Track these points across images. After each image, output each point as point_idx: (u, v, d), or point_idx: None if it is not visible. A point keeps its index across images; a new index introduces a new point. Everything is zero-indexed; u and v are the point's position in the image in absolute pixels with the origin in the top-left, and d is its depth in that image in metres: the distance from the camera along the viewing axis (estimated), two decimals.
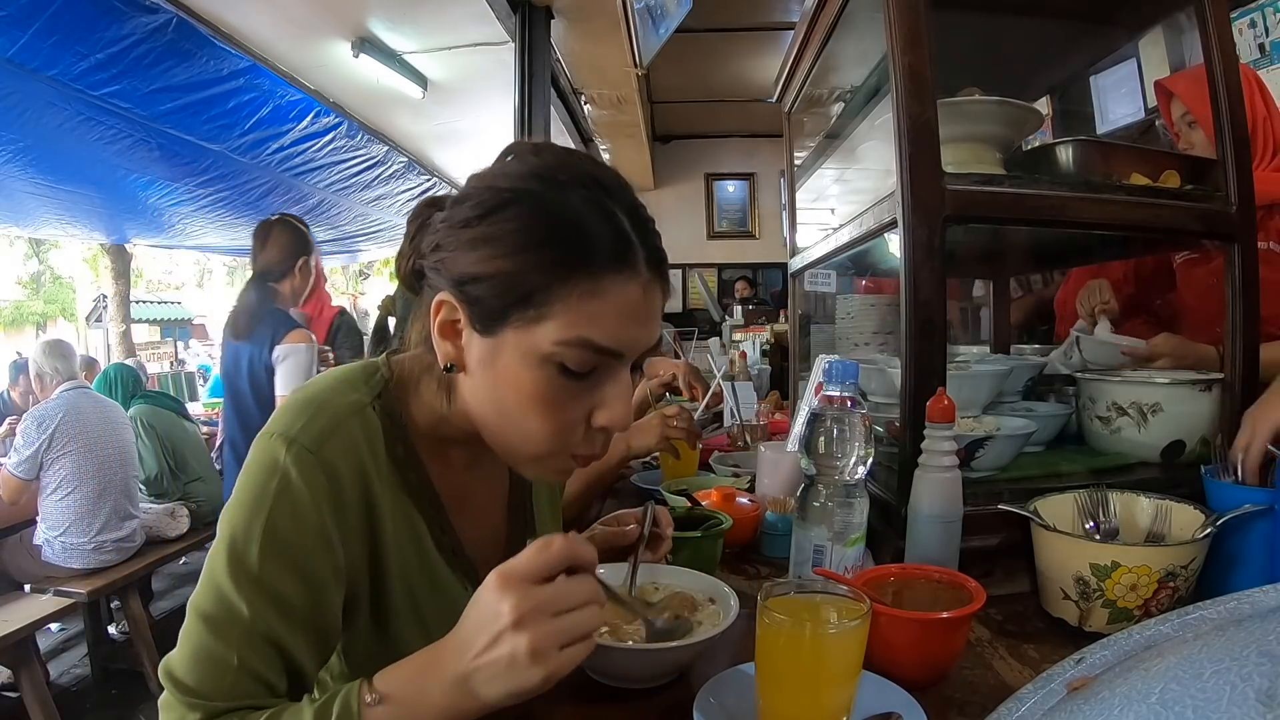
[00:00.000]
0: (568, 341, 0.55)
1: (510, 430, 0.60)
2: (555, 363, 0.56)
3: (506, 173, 0.59)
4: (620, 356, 0.58)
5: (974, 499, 0.82)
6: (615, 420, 0.59)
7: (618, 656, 0.63)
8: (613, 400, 0.59)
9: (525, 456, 0.61)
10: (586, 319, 0.55)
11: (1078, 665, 0.41)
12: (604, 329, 0.55)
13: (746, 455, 1.44)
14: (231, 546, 0.55)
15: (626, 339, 0.57)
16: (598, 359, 0.56)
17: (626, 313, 0.56)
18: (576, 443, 0.60)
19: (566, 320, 0.55)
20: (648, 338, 0.59)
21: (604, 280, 0.55)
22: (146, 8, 2.63)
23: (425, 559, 0.66)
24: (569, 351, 0.55)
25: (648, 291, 0.58)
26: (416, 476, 0.65)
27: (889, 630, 0.61)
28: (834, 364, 0.74)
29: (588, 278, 0.55)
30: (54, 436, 2.51)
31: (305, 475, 0.56)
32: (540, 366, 0.56)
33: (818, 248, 1.36)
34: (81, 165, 3.66)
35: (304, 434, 0.58)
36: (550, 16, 3.55)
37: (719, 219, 7.23)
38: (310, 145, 4.14)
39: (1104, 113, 1.74)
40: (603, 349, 0.56)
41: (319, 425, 0.59)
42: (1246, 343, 0.94)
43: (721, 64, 5.02)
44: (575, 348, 0.55)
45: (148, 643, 2.73)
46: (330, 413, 0.60)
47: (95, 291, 11.76)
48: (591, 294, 0.55)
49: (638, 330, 0.58)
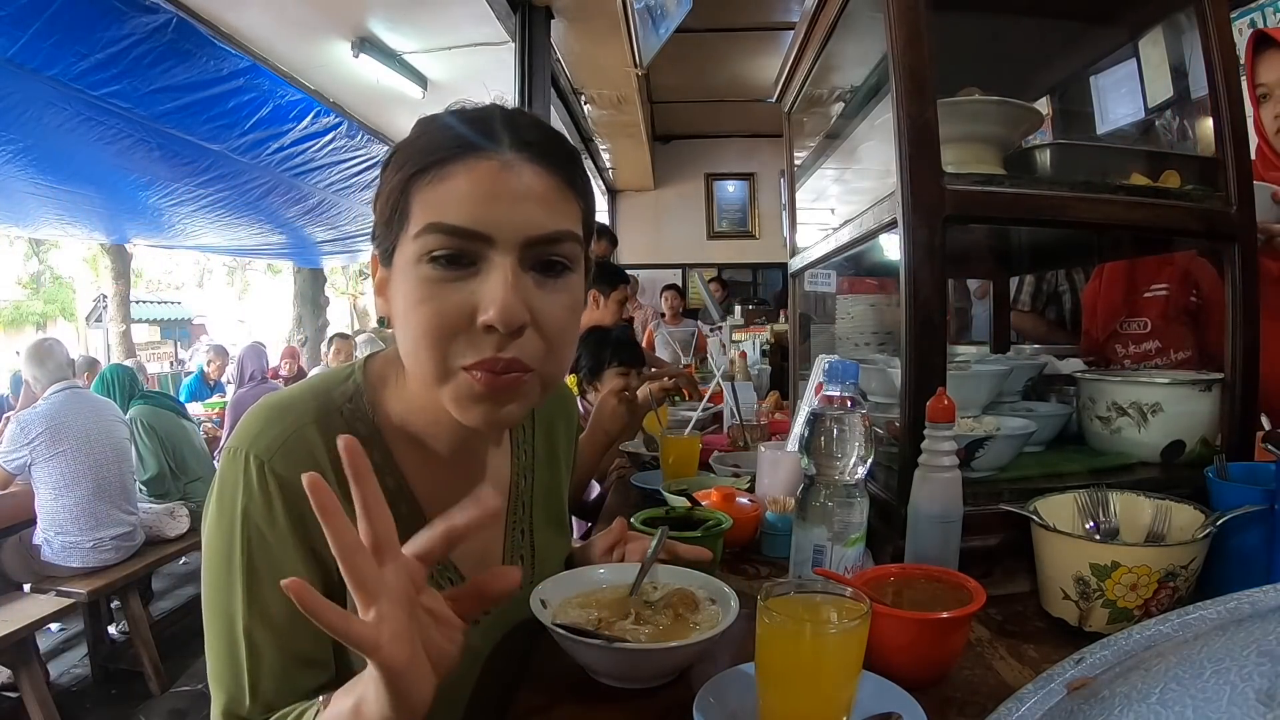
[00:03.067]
0: (423, 230, 0.55)
1: (408, 354, 0.58)
2: (425, 259, 0.55)
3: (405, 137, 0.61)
4: (488, 240, 0.55)
5: (974, 499, 0.82)
6: (497, 314, 0.54)
7: (618, 656, 0.63)
8: (490, 293, 0.54)
9: (430, 382, 0.57)
10: (437, 205, 0.55)
11: (1078, 665, 0.41)
12: (456, 209, 0.54)
13: (746, 455, 1.44)
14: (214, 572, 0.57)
15: (484, 217, 0.54)
16: (459, 243, 0.54)
17: (479, 191, 0.55)
18: (461, 351, 0.56)
19: (421, 213, 0.55)
20: (520, 217, 0.55)
21: (451, 166, 0.55)
22: (146, 8, 2.63)
23: None
24: (427, 239, 0.54)
25: (510, 169, 0.55)
26: (393, 481, 0.64)
27: (889, 630, 0.61)
28: (834, 364, 0.74)
29: (436, 168, 0.55)
30: (37, 442, 2.51)
31: (263, 488, 0.57)
32: (415, 268, 0.55)
33: (818, 248, 1.36)
34: (81, 165, 3.67)
35: (258, 444, 0.58)
36: (550, 16, 3.55)
37: (719, 219, 7.23)
38: (310, 145, 4.14)
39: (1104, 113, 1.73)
40: (457, 229, 0.54)
41: (273, 434, 0.58)
42: (1246, 343, 0.94)
43: (721, 64, 5.02)
44: (430, 234, 0.54)
45: (148, 643, 2.73)
46: (288, 420, 0.60)
47: (95, 291, 11.76)
48: (440, 180, 0.55)
49: (500, 207, 0.55)
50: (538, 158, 0.57)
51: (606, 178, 6.83)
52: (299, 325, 8.13)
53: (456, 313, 0.55)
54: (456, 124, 0.57)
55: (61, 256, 14.54)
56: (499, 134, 0.56)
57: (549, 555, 0.79)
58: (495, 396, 0.57)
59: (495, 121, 0.57)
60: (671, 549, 0.80)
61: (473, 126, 0.57)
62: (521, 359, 0.56)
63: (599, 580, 0.76)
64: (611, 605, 0.71)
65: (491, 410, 0.58)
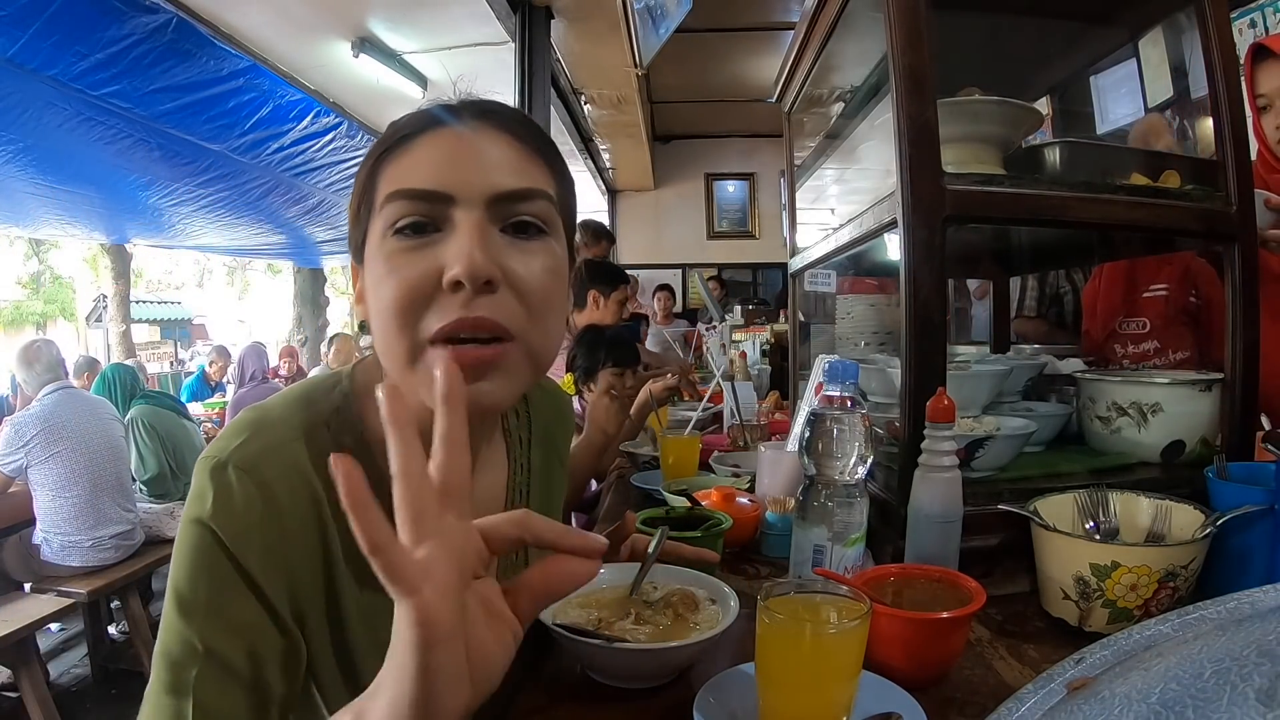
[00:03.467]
0: (384, 199, 0.53)
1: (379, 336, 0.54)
2: (390, 234, 0.52)
3: None
4: (450, 199, 0.52)
5: (974, 499, 0.82)
6: (462, 266, 0.49)
7: (618, 656, 0.63)
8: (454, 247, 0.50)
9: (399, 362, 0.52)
10: (399, 174, 0.53)
11: (1078, 665, 0.41)
12: (416, 174, 0.52)
13: (746, 455, 1.44)
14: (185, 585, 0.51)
15: (446, 176, 0.52)
16: (421, 206, 0.52)
17: (440, 154, 0.53)
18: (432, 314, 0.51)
19: (384, 188, 0.53)
20: (482, 175, 0.52)
21: (413, 140, 0.54)
22: (146, 8, 2.63)
23: None
24: (389, 210, 0.52)
25: (474, 134, 0.54)
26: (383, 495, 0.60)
27: (889, 630, 0.61)
28: (834, 364, 0.74)
29: (399, 145, 0.54)
30: (33, 443, 2.51)
31: (241, 495, 0.52)
32: (381, 247, 0.53)
33: (818, 248, 1.36)
34: (81, 165, 3.67)
35: (237, 454, 0.53)
36: (550, 16, 3.56)
37: (719, 219, 7.23)
38: (310, 145, 4.14)
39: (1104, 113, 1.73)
40: (416, 191, 0.52)
41: (255, 446, 0.54)
42: (1246, 343, 0.94)
43: (721, 64, 5.02)
44: (391, 202, 0.52)
45: (148, 643, 2.73)
46: (271, 434, 0.55)
47: (95, 291, 11.77)
48: (403, 155, 0.54)
49: (461, 168, 0.52)
50: (502, 125, 0.55)
51: (606, 178, 6.83)
52: (299, 325, 8.13)
53: (422, 279, 0.51)
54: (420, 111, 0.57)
55: (61, 256, 14.54)
56: (461, 109, 0.56)
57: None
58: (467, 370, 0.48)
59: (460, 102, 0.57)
60: (675, 550, 0.80)
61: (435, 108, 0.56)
62: (495, 318, 0.51)
63: (599, 580, 0.75)
64: (611, 605, 0.71)
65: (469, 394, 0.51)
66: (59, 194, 4.09)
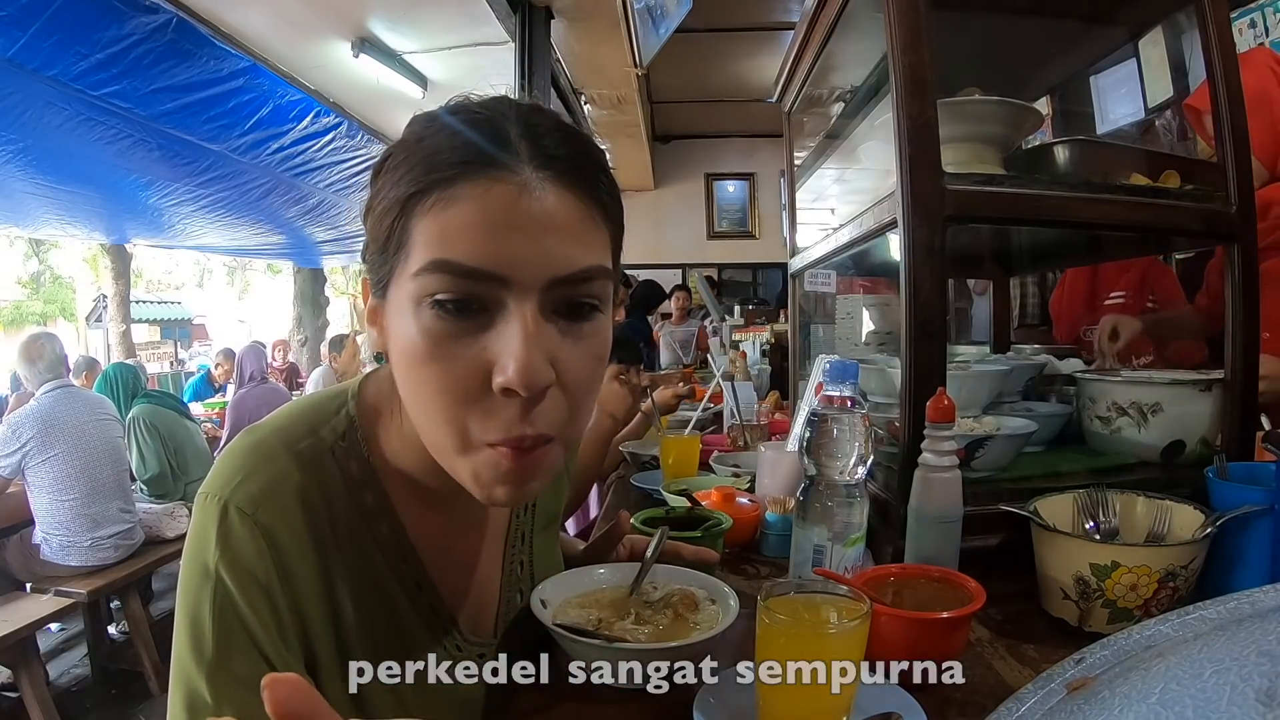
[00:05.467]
0: (426, 267, 0.45)
1: (415, 414, 0.50)
2: (427, 304, 0.46)
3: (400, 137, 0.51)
4: (500, 280, 0.45)
5: (974, 499, 0.82)
6: (518, 376, 0.44)
7: (618, 657, 0.63)
8: (508, 349, 0.45)
9: (445, 453, 0.50)
10: (442, 237, 0.45)
11: (1078, 665, 0.41)
12: (465, 244, 0.44)
13: (746, 455, 1.44)
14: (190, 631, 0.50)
15: (499, 254, 0.45)
16: (469, 285, 0.45)
17: (493, 221, 0.45)
18: (483, 418, 0.47)
19: (424, 244, 0.45)
20: (540, 252, 0.45)
21: (458, 188, 0.45)
22: (146, 8, 2.63)
23: (399, 623, 0.58)
24: (430, 280, 0.45)
25: (530, 193, 0.45)
26: (388, 529, 0.57)
27: (889, 630, 0.61)
28: (834, 364, 0.74)
29: (441, 189, 0.45)
30: (29, 444, 2.50)
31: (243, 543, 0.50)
32: (415, 311, 0.46)
33: (818, 248, 1.36)
34: (81, 165, 3.67)
35: (239, 493, 0.51)
36: (550, 16, 3.55)
37: (719, 219, 7.22)
38: (310, 145, 4.14)
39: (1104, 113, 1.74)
40: (467, 269, 0.44)
41: (258, 483, 0.51)
42: (1246, 343, 0.94)
43: (721, 64, 5.02)
44: (433, 273, 0.45)
45: (148, 643, 2.73)
46: (274, 466, 0.52)
47: (95, 291, 11.77)
48: (445, 206, 0.45)
49: (517, 241, 0.45)
50: (563, 175, 0.47)
51: None
52: (299, 325, 8.13)
53: (470, 375, 0.46)
54: (463, 129, 0.47)
55: (61, 256, 14.54)
56: (515, 145, 0.46)
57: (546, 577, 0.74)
58: (521, 474, 0.49)
59: (509, 127, 0.47)
60: (674, 549, 0.80)
61: (483, 134, 0.46)
62: (545, 431, 0.48)
63: (599, 580, 0.76)
64: (611, 605, 0.71)
65: (515, 490, 0.49)
66: (59, 194, 4.10)
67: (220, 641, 0.49)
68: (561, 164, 0.47)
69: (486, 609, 0.68)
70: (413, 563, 0.59)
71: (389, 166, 0.49)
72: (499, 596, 0.69)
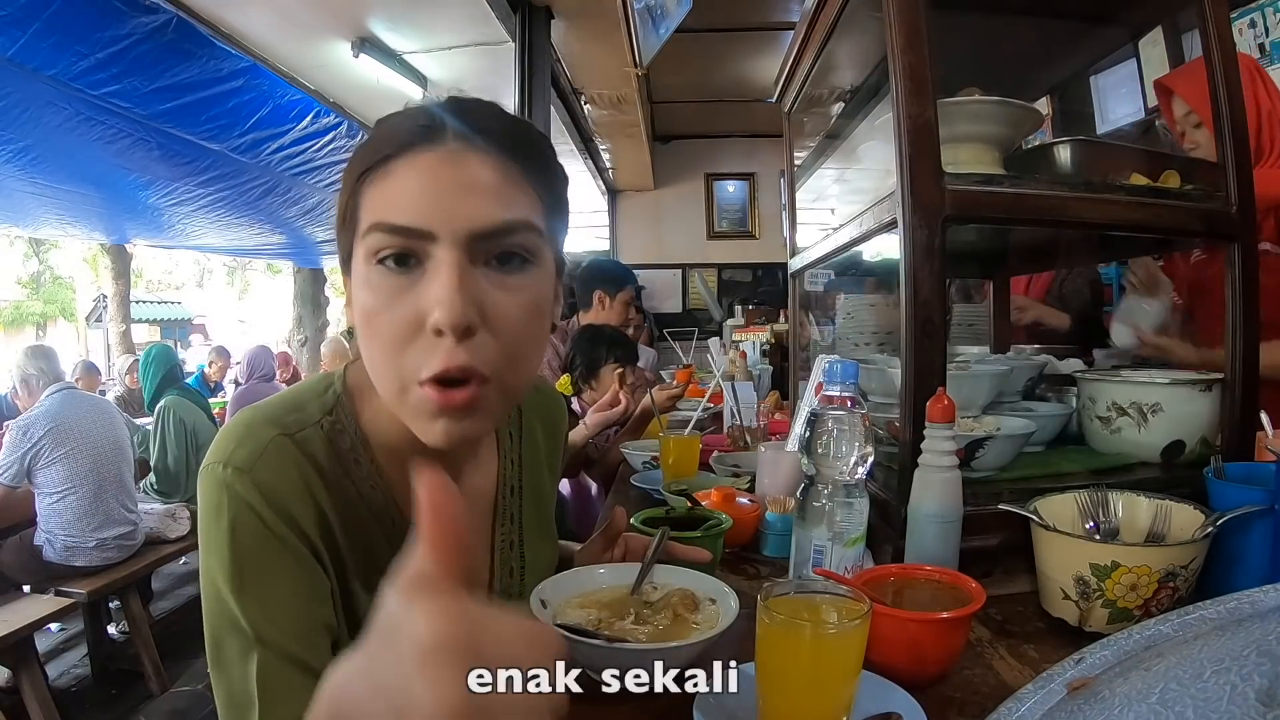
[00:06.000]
0: (368, 229, 0.53)
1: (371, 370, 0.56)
2: (374, 261, 0.52)
3: None
4: (427, 235, 0.51)
5: (974, 499, 0.82)
6: (442, 314, 0.50)
7: (618, 657, 0.63)
8: (434, 292, 0.51)
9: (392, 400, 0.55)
10: (382, 202, 0.53)
11: (1078, 665, 0.41)
12: (397, 207, 0.52)
13: (746, 455, 1.44)
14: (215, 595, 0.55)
15: (426, 211, 0.51)
16: (402, 241, 0.51)
17: (422, 186, 0.52)
18: (418, 356, 0.52)
19: (367, 213, 0.53)
20: (464, 210, 0.52)
21: (395, 162, 0.53)
22: (146, 8, 2.63)
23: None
24: (372, 239, 0.52)
25: (454, 159, 0.53)
26: (380, 496, 0.62)
27: (889, 630, 0.61)
28: (834, 364, 0.74)
29: (381, 167, 0.53)
30: (40, 445, 2.49)
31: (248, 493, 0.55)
32: (366, 273, 0.53)
33: (818, 248, 1.36)
34: (81, 165, 3.67)
35: (236, 456, 0.56)
36: (550, 16, 3.55)
37: (719, 219, 7.21)
38: (310, 145, 4.14)
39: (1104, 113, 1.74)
40: (397, 227, 0.51)
41: (250, 447, 0.57)
42: (1246, 343, 0.94)
43: (721, 64, 5.01)
44: (373, 233, 0.52)
45: (147, 643, 2.73)
46: (264, 435, 0.58)
47: (95, 291, 11.77)
48: (384, 178, 0.53)
49: (443, 201, 0.52)
50: (485, 146, 0.54)
51: (606, 178, 6.83)
52: (299, 325, 8.12)
53: (407, 320, 0.52)
54: (404, 119, 0.55)
55: (61, 256, 14.55)
56: (443, 124, 0.54)
57: (539, 566, 0.77)
58: (451, 412, 0.53)
59: (442, 113, 0.54)
60: (669, 550, 0.80)
61: (419, 119, 0.54)
62: (473, 365, 0.52)
63: (599, 580, 0.76)
64: (611, 605, 0.71)
65: (449, 426, 0.54)
66: (59, 194, 4.09)
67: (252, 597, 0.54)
68: (483, 135, 0.54)
69: (478, 585, 0.71)
70: (402, 528, 0.62)
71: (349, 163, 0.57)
72: (491, 573, 0.72)
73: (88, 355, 9.84)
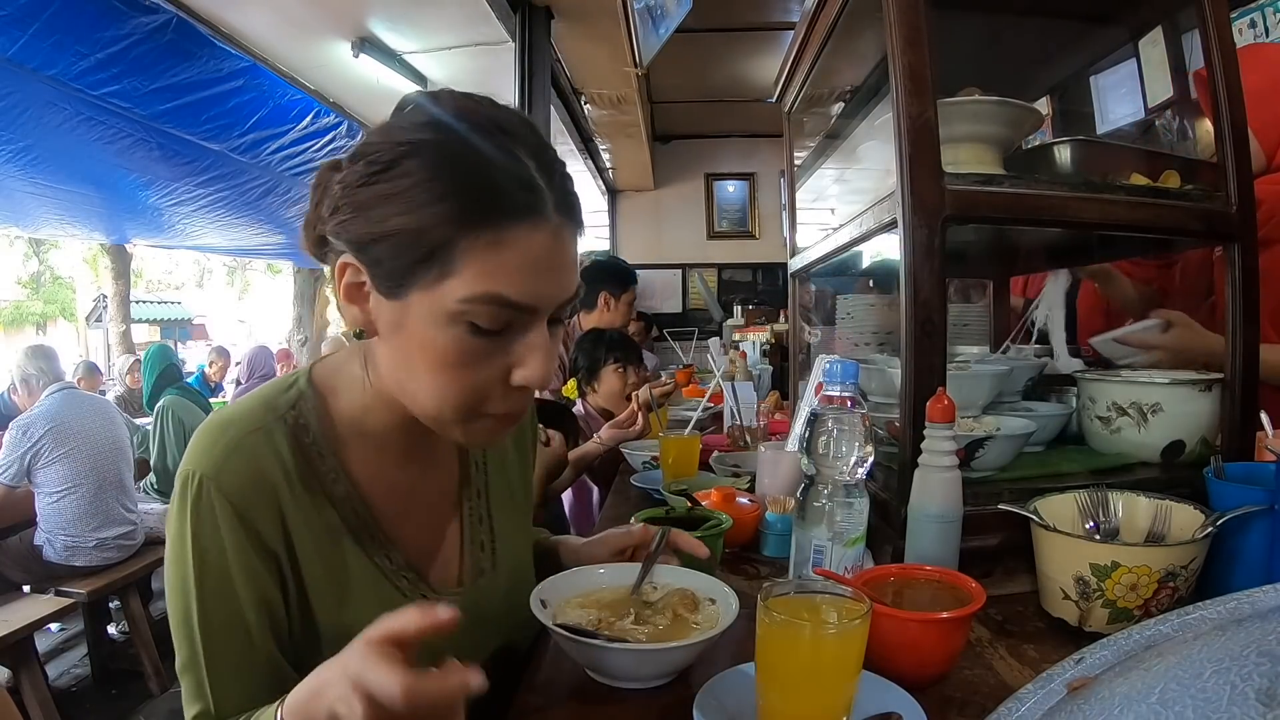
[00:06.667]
0: (475, 298, 0.53)
1: (425, 394, 0.58)
2: (465, 322, 0.54)
3: (403, 125, 0.56)
4: (534, 310, 0.55)
5: (974, 499, 0.82)
6: (533, 378, 0.56)
7: (618, 656, 0.63)
8: (530, 356, 0.56)
9: (444, 421, 0.59)
10: (493, 273, 0.52)
11: (1078, 665, 0.41)
12: (513, 282, 0.53)
13: (746, 455, 1.44)
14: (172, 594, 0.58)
15: (538, 291, 0.55)
16: (509, 315, 0.54)
17: (536, 263, 0.54)
18: (495, 402, 0.58)
19: (472, 276, 0.52)
20: (561, 288, 0.57)
21: (509, 230, 0.52)
22: (146, 8, 2.63)
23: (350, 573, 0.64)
24: (478, 309, 0.53)
25: (557, 238, 0.55)
26: (342, 488, 0.64)
27: (889, 630, 0.61)
28: (834, 364, 0.74)
29: (491, 229, 0.52)
30: (41, 444, 2.49)
31: (209, 503, 0.57)
32: (450, 326, 0.54)
33: (818, 248, 1.36)
34: (81, 165, 3.66)
35: (203, 463, 0.58)
36: (550, 16, 3.55)
37: (719, 219, 7.21)
38: (310, 145, 4.14)
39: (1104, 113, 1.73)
40: (513, 304, 0.54)
41: (218, 451, 0.59)
42: (1246, 342, 0.94)
43: (721, 64, 5.01)
44: (484, 304, 0.53)
45: (147, 643, 2.73)
46: (231, 436, 0.60)
47: (95, 291, 11.76)
48: (497, 246, 0.52)
49: (550, 280, 0.55)
50: (573, 219, 0.57)
51: (606, 178, 6.83)
52: (299, 325, 8.12)
53: (493, 377, 0.57)
54: (504, 162, 0.53)
55: (61, 256, 14.54)
56: (543, 191, 0.54)
57: (510, 539, 0.78)
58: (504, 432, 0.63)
59: (535, 172, 0.55)
60: (673, 540, 0.81)
61: (517, 175, 0.54)
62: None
63: (599, 580, 0.76)
64: (611, 605, 0.71)
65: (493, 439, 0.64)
66: (59, 194, 4.09)
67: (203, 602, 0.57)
68: (572, 210, 0.57)
69: (450, 561, 0.72)
70: (366, 517, 0.65)
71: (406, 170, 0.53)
72: (461, 549, 0.73)
73: (88, 355, 9.85)
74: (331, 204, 0.57)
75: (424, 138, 0.54)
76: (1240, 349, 0.94)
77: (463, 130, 0.54)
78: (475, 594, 0.71)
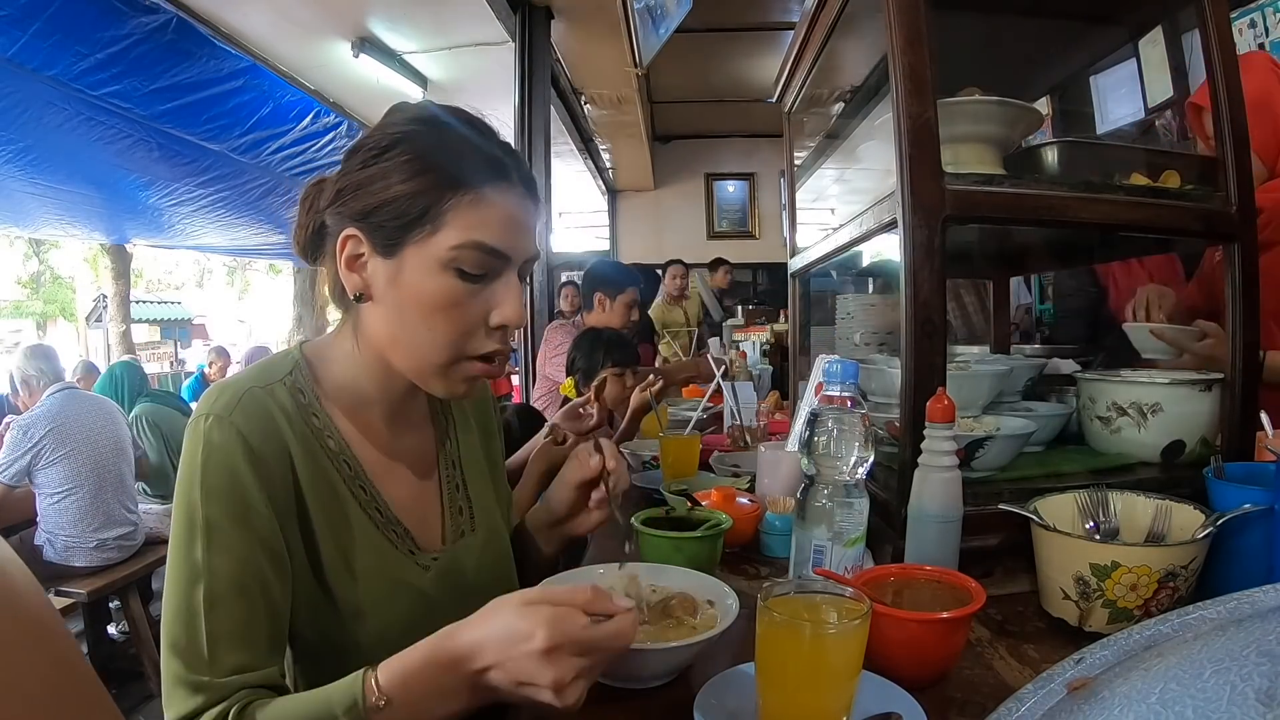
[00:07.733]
0: (462, 245, 0.64)
1: (416, 343, 0.67)
2: (453, 268, 0.65)
3: (393, 121, 0.69)
4: (508, 259, 0.67)
5: (974, 499, 0.82)
6: (509, 317, 0.68)
7: (618, 656, 0.63)
8: (505, 299, 0.68)
9: (432, 367, 0.68)
10: (476, 225, 0.65)
11: (1078, 665, 0.41)
12: (493, 232, 0.65)
13: (746, 455, 1.44)
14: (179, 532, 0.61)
15: (511, 243, 0.67)
16: (490, 261, 0.66)
17: (509, 218, 0.67)
18: (478, 342, 0.68)
19: (459, 227, 0.64)
20: (527, 245, 0.69)
21: (486, 190, 0.65)
22: (146, 8, 2.63)
23: (350, 519, 0.70)
24: (464, 254, 0.64)
25: (524, 203, 0.68)
26: (334, 442, 0.71)
27: (889, 630, 0.61)
28: (834, 364, 0.74)
29: (473, 190, 0.65)
30: (42, 444, 2.48)
31: (223, 437, 0.63)
32: (441, 273, 0.65)
33: (818, 248, 1.36)
34: (81, 165, 3.67)
35: (216, 406, 0.64)
36: (550, 16, 3.56)
37: (719, 219, 7.22)
38: (310, 145, 4.14)
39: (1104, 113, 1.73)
40: (493, 250, 0.65)
41: (228, 397, 0.65)
42: (1246, 342, 0.94)
43: (721, 64, 5.01)
44: (469, 250, 0.64)
45: (147, 643, 2.73)
46: (239, 388, 0.67)
47: (95, 291, 11.75)
48: (477, 203, 0.65)
49: (520, 235, 0.68)
50: (532, 194, 0.70)
51: (606, 178, 6.83)
52: (299, 325, 8.12)
53: (475, 317, 0.67)
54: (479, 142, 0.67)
55: (61, 256, 14.52)
56: (510, 165, 0.68)
57: (485, 504, 0.84)
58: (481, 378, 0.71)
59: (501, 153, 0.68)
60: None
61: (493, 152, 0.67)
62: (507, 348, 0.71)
63: (598, 581, 0.76)
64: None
65: (473, 388, 0.72)
66: (59, 194, 4.09)
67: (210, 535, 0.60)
68: (531, 185, 0.71)
69: (432, 521, 0.78)
70: (356, 469, 0.72)
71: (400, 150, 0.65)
72: (442, 511, 0.78)
73: (88, 355, 9.84)
74: (331, 194, 0.68)
75: (412, 128, 0.67)
76: (1240, 349, 0.94)
77: (443, 119, 0.68)
78: (456, 554, 0.77)
